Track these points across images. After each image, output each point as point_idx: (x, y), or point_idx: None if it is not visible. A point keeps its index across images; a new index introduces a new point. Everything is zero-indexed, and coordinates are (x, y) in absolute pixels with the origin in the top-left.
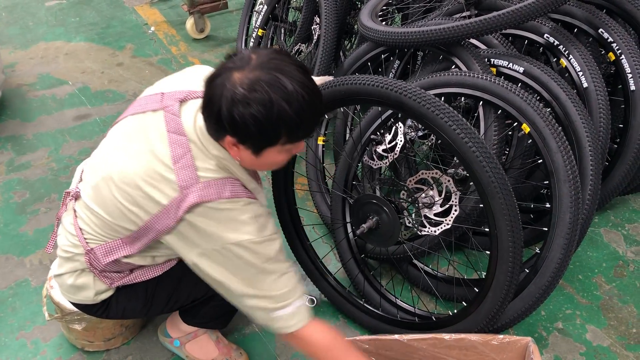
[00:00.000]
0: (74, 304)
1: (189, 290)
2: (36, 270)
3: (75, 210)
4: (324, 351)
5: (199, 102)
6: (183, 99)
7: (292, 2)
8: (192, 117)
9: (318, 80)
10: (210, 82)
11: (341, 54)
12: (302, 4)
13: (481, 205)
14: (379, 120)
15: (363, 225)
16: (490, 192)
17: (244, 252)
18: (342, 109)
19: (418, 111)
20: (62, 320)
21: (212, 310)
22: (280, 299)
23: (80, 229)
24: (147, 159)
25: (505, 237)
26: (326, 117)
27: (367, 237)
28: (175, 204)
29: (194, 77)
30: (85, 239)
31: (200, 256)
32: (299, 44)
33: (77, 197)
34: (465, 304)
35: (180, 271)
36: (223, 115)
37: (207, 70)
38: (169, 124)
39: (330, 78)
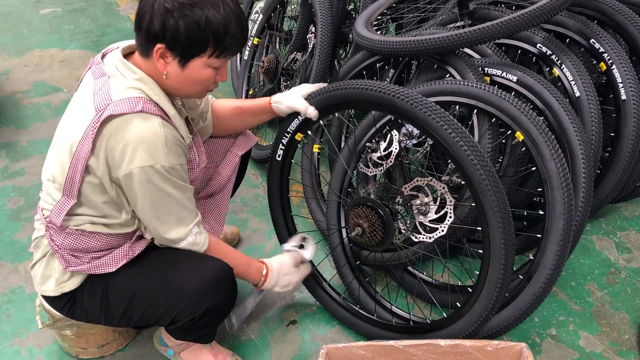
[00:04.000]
0: (45, 297)
1: (139, 315)
2: (30, 277)
3: (39, 198)
4: (225, 253)
5: (119, 49)
6: (104, 52)
7: (287, 11)
8: (112, 57)
9: (312, 87)
10: None
11: (336, 62)
12: (297, 13)
13: (473, 205)
14: (374, 129)
15: (358, 227)
16: (481, 190)
17: (152, 174)
18: (337, 115)
19: (410, 112)
20: (54, 327)
21: (186, 331)
22: (189, 227)
23: (42, 209)
24: (76, 111)
25: (497, 234)
26: (321, 122)
27: (360, 241)
28: (92, 125)
29: (115, 43)
30: (44, 216)
31: (118, 181)
32: (295, 52)
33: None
34: (459, 305)
35: (132, 289)
36: (155, 20)
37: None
38: (95, 73)
39: (325, 85)
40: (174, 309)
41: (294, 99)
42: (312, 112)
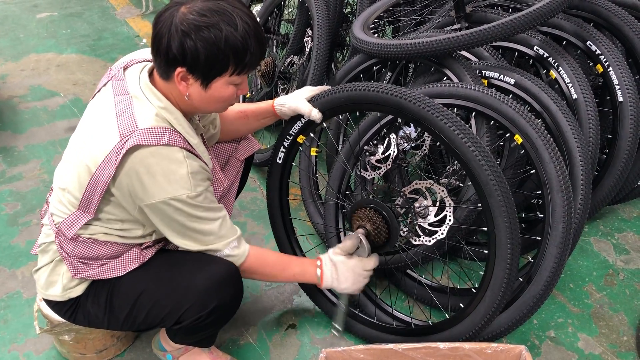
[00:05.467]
0: (47, 301)
1: (144, 315)
2: (28, 283)
3: (48, 203)
4: (267, 262)
5: (141, 64)
6: (126, 66)
7: (284, 14)
8: (136, 76)
9: (315, 89)
10: (159, 17)
11: (333, 66)
12: (294, 17)
13: (479, 205)
14: (377, 125)
15: (362, 229)
16: (488, 190)
17: (181, 205)
18: (339, 118)
19: (417, 114)
20: (52, 332)
21: (189, 332)
22: (218, 243)
23: (52, 214)
24: (97, 128)
25: (504, 234)
26: (324, 125)
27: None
28: (116, 150)
29: (135, 52)
30: (54, 222)
31: (140, 210)
32: (292, 56)
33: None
34: (462, 306)
35: (138, 289)
36: (173, 44)
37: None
38: (115, 89)
39: (328, 87)
40: (181, 307)
41: (298, 101)
42: (316, 114)
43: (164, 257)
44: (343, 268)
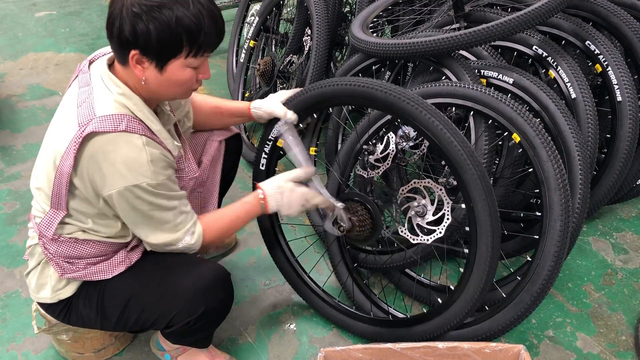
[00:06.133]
0: (40, 304)
1: (135, 318)
2: (26, 282)
3: (32, 206)
4: (221, 227)
5: (105, 56)
6: (92, 59)
7: (283, 13)
8: (99, 67)
9: (289, 92)
10: (112, 1)
11: (332, 65)
12: (293, 16)
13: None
14: (371, 131)
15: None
16: (461, 165)
17: (141, 193)
18: (334, 117)
19: (387, 101)
20: (50, 332)
21: (182, 335)
22: (183, 230)
23: (34, 216)
24: (60, 122)
25: (482, 207)
26: (301, 126)
27: (350, 235)
28: (75, 140)
29: (104, 47)
30: (36, 223)
31: (102, 200)
32: (291, 55)
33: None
34: (452, 289)
35: (128, 293)
36: (125, 26)
37: None
38: (80, 82)
39: (301, 89)
40: (170, 312)
41: (273, 104)
42: (291, 115)
43: (152, 260)
44: (289, 195)
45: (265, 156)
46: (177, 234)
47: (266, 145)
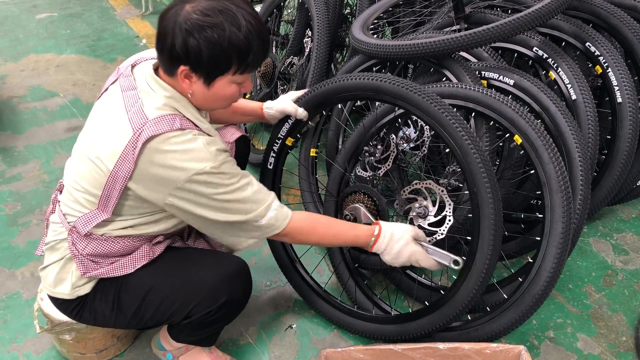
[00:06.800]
0: (53, 299)
1: (152, 311)
2: (27, 283)
3: (59, 201)
4: (314, 230)
5: (148, 61)
6: (134, 64)
7: (284, 15)
8: (143, 71)
9: (299, 93)
10: (164, 15)
11: (333, 66)
12: (294, 18)
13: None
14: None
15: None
16: (464, 150)
17: (208, 178)
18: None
19: (394, 92)
20: (52, 332)
21: (193, 334)
22: (259, 208)
23: (64, 214)
24: (108, 125)
25: (484, 191)
26: (310, 124)
27: None
28: (132, 145)
29: (144, 52)
30: (67, 221)
31: (170, 197)
32: (291, 56)
33: (60, 189)
34: (455, 278)
35: (147, 285)
36: (177, 42)
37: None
38: (123, 86)
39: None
40: (191, 302)
41: (284, 103)
42: (302, 112)
43: (172, 253)
44: (403, 246)
45: (274, 155)
46: (258, 210)
47: (275, 144)
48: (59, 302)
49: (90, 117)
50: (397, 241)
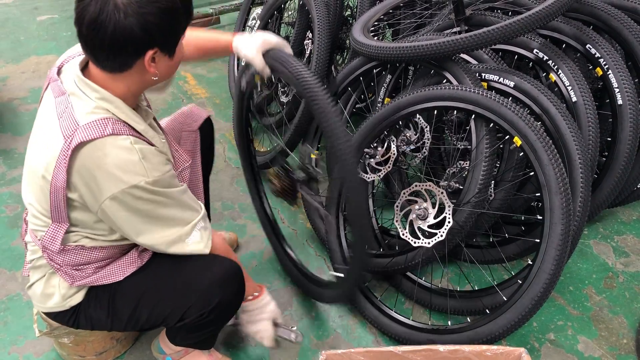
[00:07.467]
0: (47, 314)
1: (147, 314)
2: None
3: (27, 222)
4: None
5: (74, 60)
6: (60, 65)
7: (284, 17)
8: (69, 73)
9: (274, 43)
10: (83, 9)
11: (333, 68)
12: (295, 20)
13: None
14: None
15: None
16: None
17: (140, 192)
18: None
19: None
20: (51, 335)
21: (190, 337)
22: (192, 223)
23: (33, 231)
24: (42, 135)
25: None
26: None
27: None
28: (63, 153)
29: (68, 50)
30: (37, 238)
31: (103, 207)
32: None
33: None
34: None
35: (140, 290)
36: (133, 29)
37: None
38: (54, 91)
39: (286, 45)
40: (184, 305)
41: (252, 55)
42: (268, 71)
43: (163, 258)
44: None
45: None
46: (185, 228)
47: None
48: (52, 316)
49: (33, 128)
50: (262, 312)
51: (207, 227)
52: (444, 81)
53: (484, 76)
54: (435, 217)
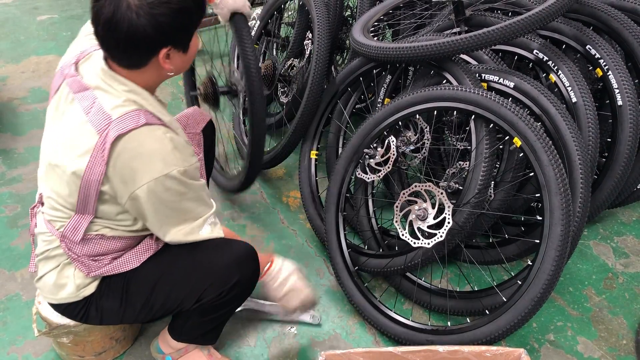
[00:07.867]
0: (56, 306)
1: (163, 299)
2: (27, 285)
3: (43, 213)
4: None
5: (93, 55)
6: (76, 61)
7: (284, 17)
8: (92, 68)
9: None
10: (111, 16)
11: (333, 69)
12: (294, 20)
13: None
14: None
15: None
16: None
17: (170, 183)
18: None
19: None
20: (50, 335)
21: (197, 326)
22: (204, 217)
23: (49, 222)
24: (69, 131)
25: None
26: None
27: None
28: (100, 148)
29: (80, 40)
30: (56, 228)
31: (134, 196)
32: (292, 59)
33: (41, 201)
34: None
35: (156, 275)
36: (146, 29)
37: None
38: (73, 87)
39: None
40: (203, 284)
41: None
42: (250, 12)
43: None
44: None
45: None
46: (197, 221)
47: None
48: (62, 308)
49: (47, 125)
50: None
51: (217, 223)
52: (444, 82)
53: (484, 77)
54: (435, 218)
